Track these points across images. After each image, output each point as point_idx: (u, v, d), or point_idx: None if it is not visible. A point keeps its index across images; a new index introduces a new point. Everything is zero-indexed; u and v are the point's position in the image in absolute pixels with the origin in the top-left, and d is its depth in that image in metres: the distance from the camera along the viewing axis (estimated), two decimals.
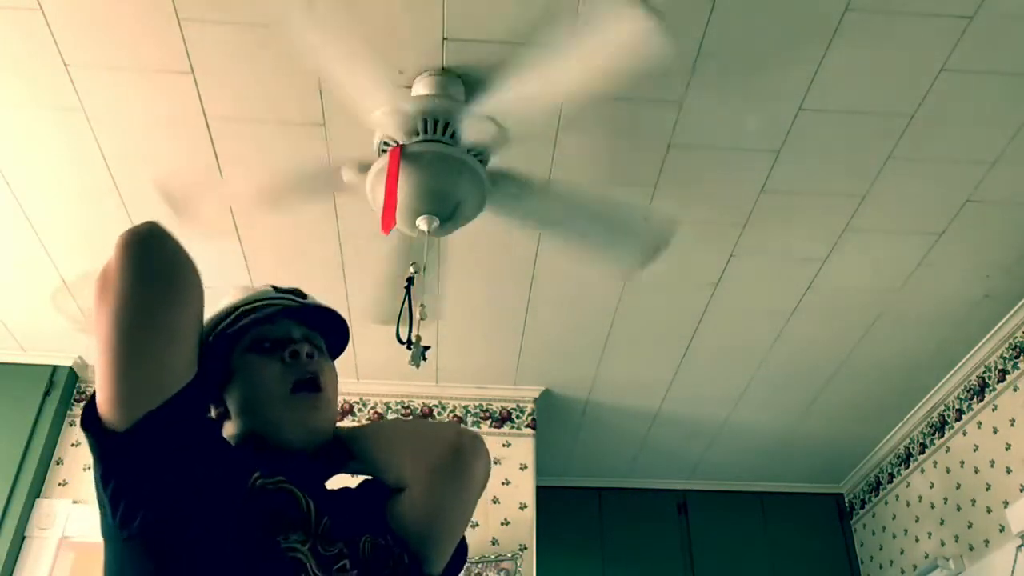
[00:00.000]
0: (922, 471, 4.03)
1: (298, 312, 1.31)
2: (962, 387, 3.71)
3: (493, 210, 2.35)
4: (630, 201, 2.67)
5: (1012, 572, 3.21)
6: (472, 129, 2.15)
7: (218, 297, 1.38)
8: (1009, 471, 3.38)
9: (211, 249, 3.07)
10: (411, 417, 3.80)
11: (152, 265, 1.09)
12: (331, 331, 1.35)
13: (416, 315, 2.15)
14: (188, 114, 2.55)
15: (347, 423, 3.74)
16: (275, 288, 1.38)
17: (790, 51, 2.35)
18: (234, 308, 1.34)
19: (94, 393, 1.07)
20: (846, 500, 4.76)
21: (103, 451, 1.06)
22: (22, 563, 3.31)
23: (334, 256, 3.08)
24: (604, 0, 1.95)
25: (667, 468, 4.55)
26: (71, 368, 3.66)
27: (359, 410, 3.80)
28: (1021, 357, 3.35)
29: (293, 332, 1.27)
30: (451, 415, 3.83)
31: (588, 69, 2.07)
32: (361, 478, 1.30)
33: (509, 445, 3.77)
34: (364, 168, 2.24)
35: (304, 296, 1.37)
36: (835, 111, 2.53)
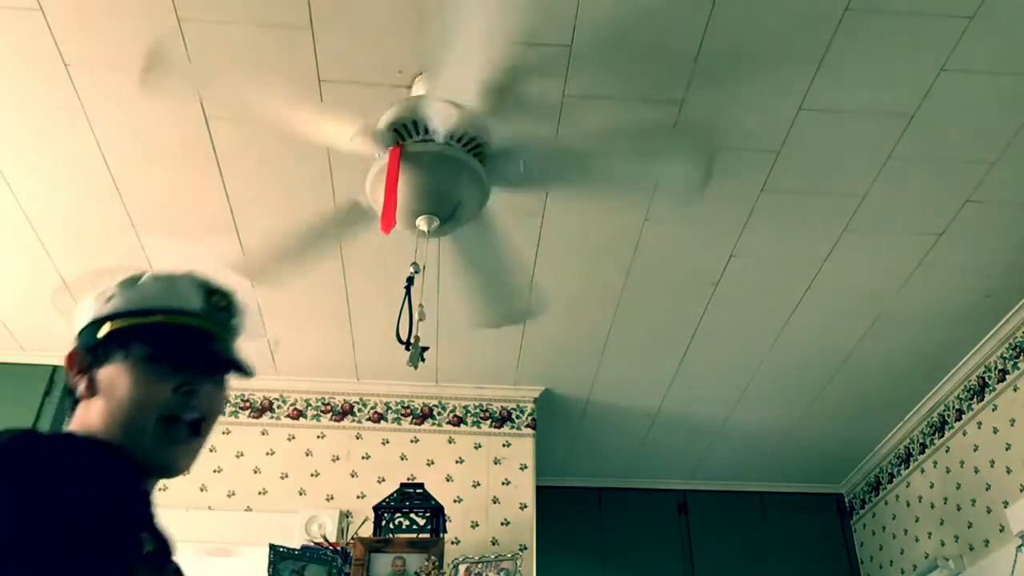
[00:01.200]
0: (922, 471, 4.03)
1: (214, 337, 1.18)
2: (962, 387, 3.71)
3: (500, 190, 2.30)
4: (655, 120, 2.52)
5: (1012, 572, 3.22)
6: (442, 119, 2.13)
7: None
8: (1009, 471, 3.38)
9: (211, 249, 3.08)
10: (410, 417, 3.81)
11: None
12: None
13: (416, 315, 2.15)
14: (188, 114, 2.55)
15: (347, 423, 3.74)
16: (207, 291, 1.22)
17: (790, 51, 2.35)
18: (152, 309, 1.16)
19: None
20: (846, 500, 4.76)
21: None
22: None
23: (334, 256, 3.08)
24: (674, 143, 1.96)
25: (667, 468, 4.55)
26: None
27: (359, 410, 3.80)
28: (1021, 357, 3.35)
29: (197, 366, 1.16)
30: (451, 415, 3.83)
31: (621, 175, 2.15)
32: None
33: (509, 445, 3.78)
34: (373, 137, 2.20)
35: (232, 314, 1.23)
36: (835, 111, 2.53)
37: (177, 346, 1.14)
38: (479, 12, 1.87)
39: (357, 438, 3.74)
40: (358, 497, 3.58)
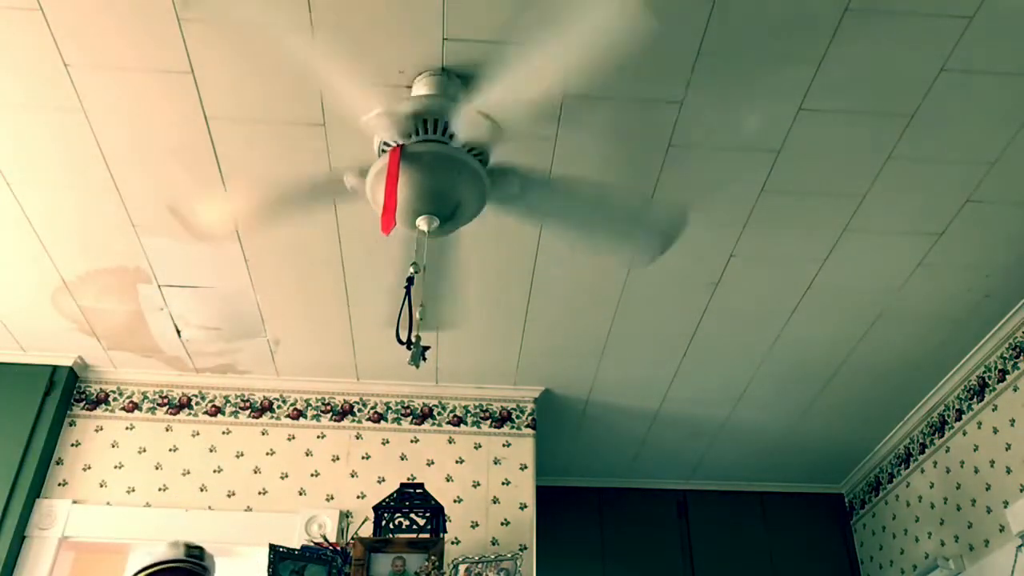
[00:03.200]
0: (922, 471, 4.03)
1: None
2: (962, 387, 3.71)
3: (495, 207, 2.35)
4: (636, 190, 2.71)
5: (1012, 572, 3.22)
6: (471, 128, 2.15)
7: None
8: (1009, 471, 3.39)
9: (211, 249, 3.09)
10: (410, 418, 3.81)
11: None
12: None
13: (415, 315, 2.15)
14: (188, 114, 2.55)
15: (347, 423, 3.75)
16: (187, 547, 2.66)
17: (790, 51, 2.36)
18: (160, 562, 2.63)
19: None
20: (846, 500, 4.76)
21: None
22: (22, 563, 3.31)
23: (334, 255, 3.08)
24: (650, 218, 2.07)
25: (667, 468, 4.55)
26: (71, 368, 3.66)
27: (359, 410, 3.80)
28: (1021, 357, 3.35)
29: None
30: (451, 415, 3.83)
31: (570, 59, 2.09)
32: None
33: (509, 445, 3.78)
34: (365, 172, 2.24)
35: (203, 556, 2.69)
36: (835, 111, 2.53)
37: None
38: (559, 47, 1.96)
39: (357, 438, 3.74)
40: (358, 497, 3.58)
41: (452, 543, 3.39)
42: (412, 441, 3.75)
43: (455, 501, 3.58)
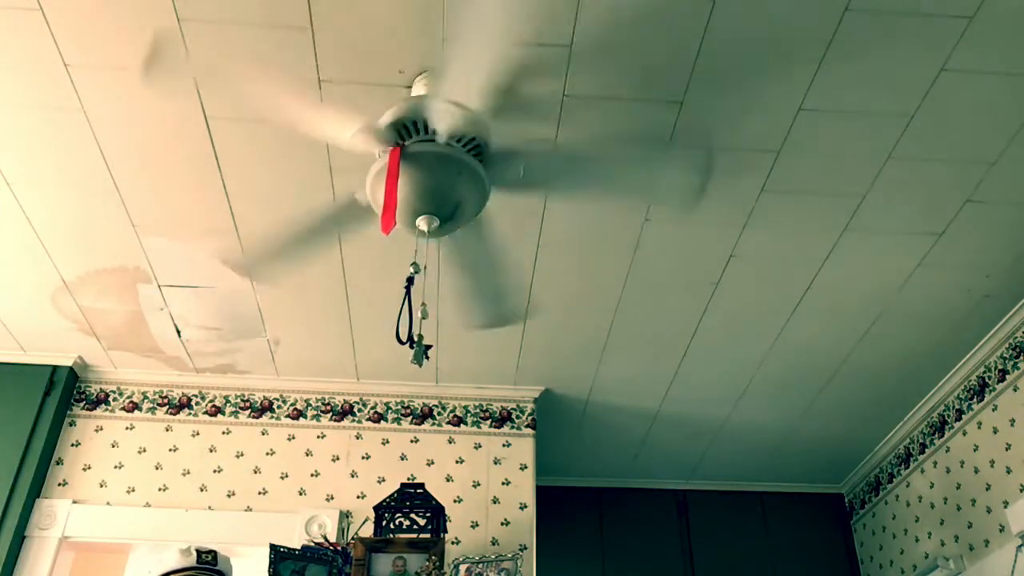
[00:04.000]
0: (922, 471, 4.03)
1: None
2: (962, 387, 3.71)
3: (501, 193, 2.31)
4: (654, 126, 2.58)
5: (1012, 572, 3.22)
6: (447, 121, 2.13)
7: None
8: (1009, 471, 3.39)
9: (211, 248, 3.09)
10: (411, 418, 3.81)
11: None
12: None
13: (417, 314, 2.15)
14: (188, 114, 2.55)
15: (347, 423, 3.75)
16: (199, 552, 2.64)
17: (790, 51, 2.36)
18: (176, 569, 2.62)
19: None
20: (846, 500, 4.76)
21: None
22: (22, 563, 3.31)
23: (335, 256, 3.08)
24: (672, 155, 2.07)
25: (667, 468, 4.55)
26: (71, 368, 3.66)
27: (359, 410, 3.80)
28: (1021, 357, 3.35)
29: None
30: (451, 415, 3.83)
31: (616, 179, 2.20)
32: None
33: (509, 445, 3.78)
34: (374, 134, 2.20)
35: (216, 561, 2.68)
36: (835, 111, 2.53)
37: None
38: (484, 15, 1.88)
39: (357, 438, 3.74)
40: (358, 497, 3.58)
41: (452, 543, 3.39)
42: (412, 441, 3.75)
43: (455, 501, 3.58)
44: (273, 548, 2.94)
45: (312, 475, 3.63)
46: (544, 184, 2.46)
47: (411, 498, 3.14)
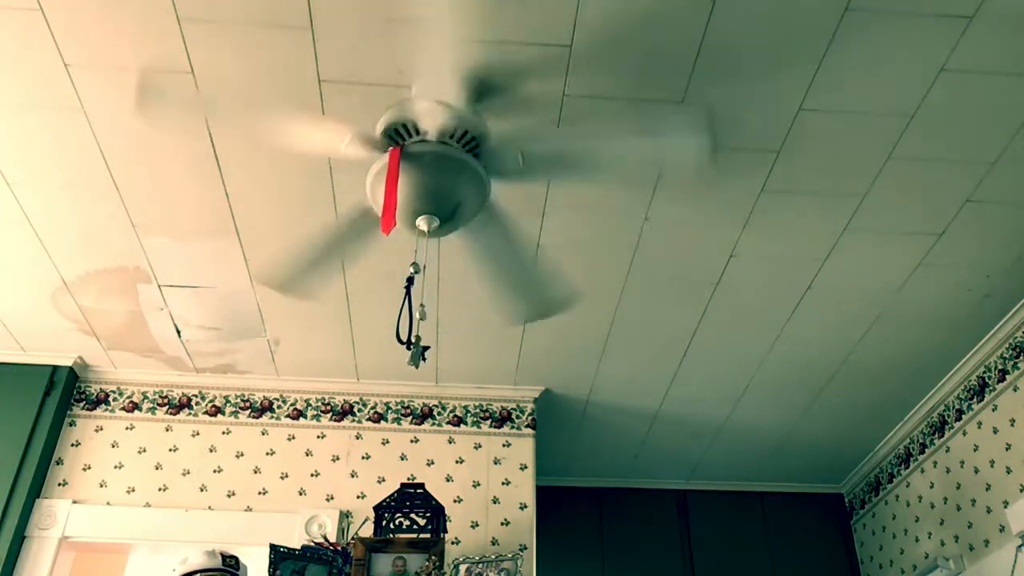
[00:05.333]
0: (922, 471, 4.03)
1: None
2: (962, 387, 3.71)
3: (501, 184, 2.30)
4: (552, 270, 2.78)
5: (1012, 572, 3.22)
6: (433, 119, 2.14)
7: None
8: (1009, 471, 3.39)
9: (211, 249, 3.09)
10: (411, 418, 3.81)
11: None
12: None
13: (416, 315, 2.15)
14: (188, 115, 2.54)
15: (347, 423, 3.75)
16: (223, 556, 2.73)
17: (790, 51, 2.35)
18: (200, 569, 2.69)
19: None
20: (846, 500, 4.76)
21: None
22: (22, 563, 3.31)
23: (344, 260, 3.07)
24: (676, 112, 2.06)
25: (667, 468, 4.55)
26: (71, 368, 3.66)
27: (359, 410, 3.80)
28: (1021, 357, 3.35)
29: None
30: (451, 415, 3.83)
31: (623, 157, 2.20)
32: None
33: (509, 445, 3.78)
34: (368, 143, 2.21)
35: (237, 566, 2.74)
36: (835, 111, 2.53)
37: None
38: (445, 14, 1.91)
39: (357, 438, 3.74)
40: (358, 497, 3.58)
41: (452, 543, 3.39)
42: (412, 441, 3.75)
43: (455, 501, 3.59)
44: (273, 548, 2.94)
45: (312, 475, 3.63)
46: (547, 171, 2.44)
47: (411, 498, 3.14)
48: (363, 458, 3.69)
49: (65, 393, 3.65)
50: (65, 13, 2.27)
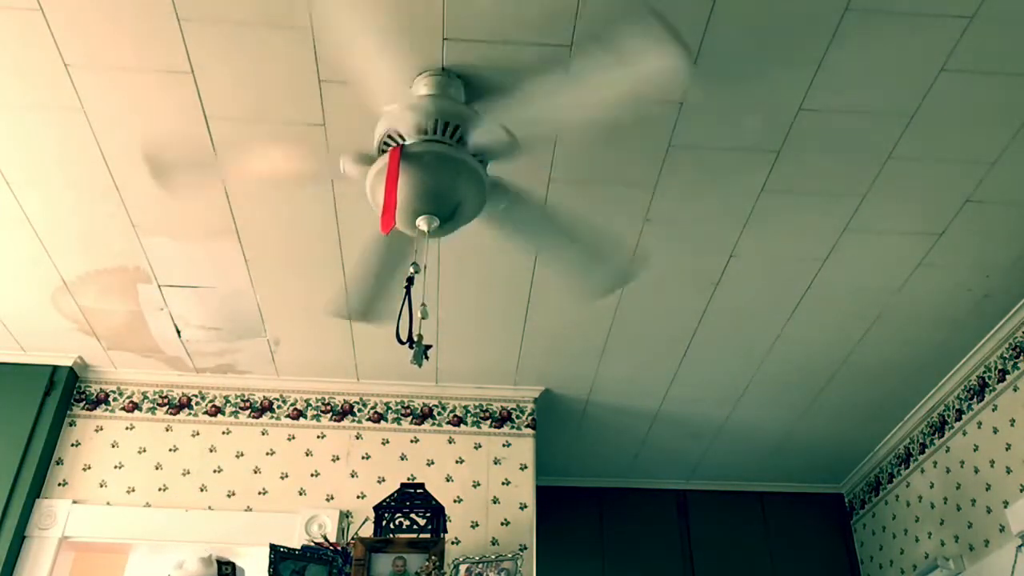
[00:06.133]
0: (922, 471, 4.03)
1: None
2: (962, 387, 3.71)
3: (513, 160, 2.36)
4: (611, 233, 2.81)
5: (1012, 572, 3.22)
6: (487, 138, 2.16)
7: None
8: (1009, 471, 3.39)
9: (211, 249, 3.09)
10: (411, 418, 3.81)
11: None
12: None
13: (416, 315, 2.15)
14: (189, 113, 2.55)
15: (347, 423, 3.75)
16: (219, 563, 2.69)
17: (790, 51, 2.36)
18: None
19: None
20: (846, 500, 4.76)
21: None
22: (22, 563, 3.31)
23: (334, 256, 3.08)
24: (636, 34, 2.01)
25: (667, 468, 4.55)
26: (71, 368, 3.66)
27: (359, 410, 3.80)
28: (1021, 357, 3.35)
29: None
30: (451, 415, 3.83)
31: (604, 97, 2.14)
32: None
33: (509, 445, 3.78)
34: (364, 161, 2.24)
35: (235, 571, 2.73)
36: (835, 111, 2.53)
37: None
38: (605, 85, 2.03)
39: (357, 438, 3.74)
40: (358, 497, 3.58)
41: (452, 543, 3.39)
42: (412, 441, 3.75)
43: (455, 501, 3.59)
44: (273, 548, 2.94)
45: (312, 475, 3.63)
46: (533, 134, 2.46)
47: (411, 498, 3.14)
48: (363, 458, 3.69)
49: (65, 393, 3.65)
50: (65, 13, 2.27)
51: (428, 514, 3.10)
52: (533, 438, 3.81)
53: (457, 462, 3.71)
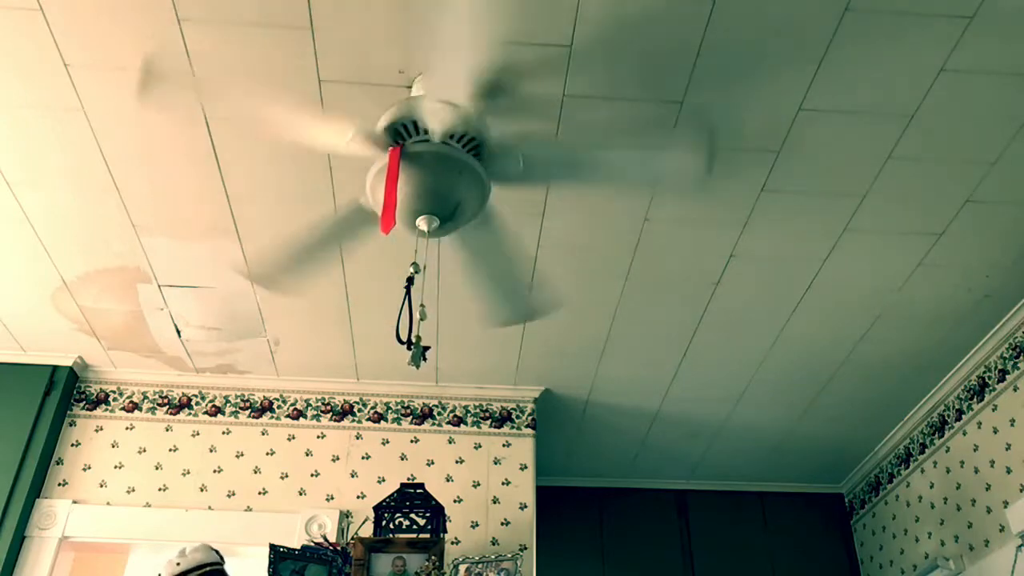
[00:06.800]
0: (922, 471, 4.03)
1: None
2: (962, 387, 3.71)
3: (500, 187, 2.30)
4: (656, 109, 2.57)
5: (1012, 572, 3.22)
6: (438, 119, 2.14)
7: None
8: (1009, 471, 3.39)
9: (211, 248, 3.09)
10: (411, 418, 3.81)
11: None
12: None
13: (416, 315, 2.14)
14: (189, 114, 2.54)
15: (347, 423, 3.75)
16: (219, 554, 2.72)
17: (790, 51, 2.36)
18: (200, 564, 2.68)
19: None
20: (846, 500, 4.76)
21: None
22: (22, 563, 3.31)
23: (334, 255, 3.08)
24: (676, 133, 2.15)
25: (667, 468, 4.55)
26: (71, 368, 3.66)
27: (359, 410, 3.80)
28: (1021, 357, 3.35)
29: None
30: (451, 415, 3.83)
31: (622, 175, 2.27)
32: None
33: (509, 445, 3.78)
34: (370, 137, 2.21)
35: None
36: (835, 111, 2.53)
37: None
38: (466, 13, 1.88)
39: (357, 438, 3.74)
40: (358, 497, 3.58)
41: (452, 543, 3.39)
42: (412, 441, 3.75)
43: (455, 501, 3.59)
44: (273, 548, 2.94)
45: (312, 475, 3.63)
46: (545, 177, 2.46)
47: (411, 498, 3.14)
48: (363, 458, 3.69)
49: (65, 393, 3.65)
50: (65, 13, 2.27)
51: (428, 514, 3.10)
52: (533, 438, 3.81)
53: (457, 462, 3.71)
